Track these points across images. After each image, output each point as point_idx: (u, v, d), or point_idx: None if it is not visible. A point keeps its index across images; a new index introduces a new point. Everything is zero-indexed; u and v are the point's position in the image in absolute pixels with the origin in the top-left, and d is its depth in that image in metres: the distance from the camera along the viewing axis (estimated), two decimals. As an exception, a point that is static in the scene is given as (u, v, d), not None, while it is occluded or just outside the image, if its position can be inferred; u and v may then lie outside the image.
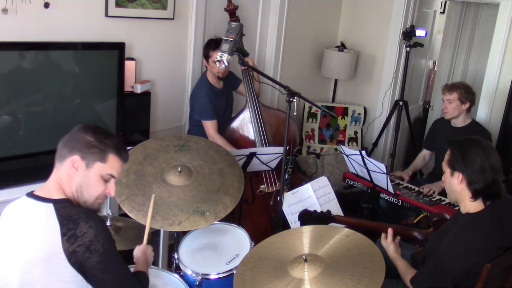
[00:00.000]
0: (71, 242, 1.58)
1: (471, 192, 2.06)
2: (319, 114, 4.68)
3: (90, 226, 1.60)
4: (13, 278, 1.63)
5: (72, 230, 1.59)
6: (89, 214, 1.65)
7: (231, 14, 3.45)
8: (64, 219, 1.60)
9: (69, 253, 1.58)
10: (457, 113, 3.44)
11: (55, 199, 1.66)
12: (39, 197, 1.67)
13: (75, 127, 1.74)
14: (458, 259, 1.99)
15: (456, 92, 3.38)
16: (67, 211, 1.63)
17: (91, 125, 1.76)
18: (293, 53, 4.38)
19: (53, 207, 1.63)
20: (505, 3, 3.84)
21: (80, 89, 2.92)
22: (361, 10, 4.67)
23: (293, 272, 1.85)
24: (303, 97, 2.53)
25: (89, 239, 1.59)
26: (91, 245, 1.59)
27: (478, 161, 2.04)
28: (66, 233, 1.58)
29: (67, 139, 1.71)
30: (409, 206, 3.22)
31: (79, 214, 1.63)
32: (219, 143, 3.21)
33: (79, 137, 1.71)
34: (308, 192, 2.73)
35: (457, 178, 2.08)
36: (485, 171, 2.03)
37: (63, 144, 1.71)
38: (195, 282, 2.18)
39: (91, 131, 1.72)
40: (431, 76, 5.63)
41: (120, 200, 2.26)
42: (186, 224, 2.22)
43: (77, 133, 1.72)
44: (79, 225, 1.60)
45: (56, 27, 2.87)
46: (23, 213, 1.67)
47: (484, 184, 2.03)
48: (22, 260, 1.62)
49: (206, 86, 3.35)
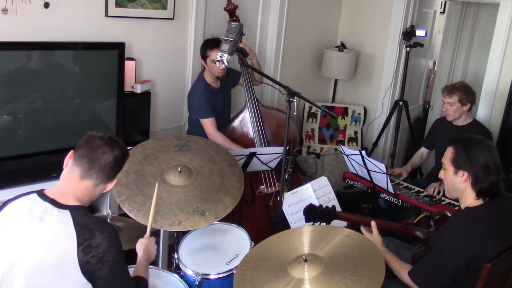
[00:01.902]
0: (86, 252, 1.58)
1: (475, 191, 2.07)
2: (319, 114, 4.68)
3: (105, 237, 1.61)
4: (16, 280, 1.61)
5: (88, 240, 1.59)
6: (104, 224, 1.67)
7: (231, 13, 3.45)
8: (80, 228, 1.60)
9: (82, 263, 1.58)
10: (458, 115, 3.44)
11: (72, 206, 1.66)
12: (55, 202, 1.66)
13: (95, 149, 1.73)
14: (459, 252, 2.00)
15: (456, 94, 3.37)
16: (84, 219, 1.63)
17: (114, 137, 1.79)
18: (293, 53, 4.37)
19: (70, 214, 1.63)
20: (505, 3, 3.84)
21: (80, 89, 2.92)
22: (361, 10, 4.67)
23: (293, 272, 1.85)
24: (303, 97, 2.53)
25: (103, 250, 1.60)
26: (104, 256, 1.60)
27: (483, 160, 2.05)
28: (82, 243, 1.58)
29: (114, 162, 1.73)
30: (409, 206, 3.22)
31: (95, 224, 1.63)
32: (220, 141, 3.22)
33: (120, 158, 1.76)
34: (308, 192, 2.73)
35: (461, 177, 2.09)
36: (490, 170, 2.05)
37: (112, 166, 1.73)
38: (195, 282, 2.19)
39: (123, 149, 1.78)
40: (431, 76, 5.63)
41: (120, 200, 2.26)
42: (186, 224, 2.22)
43: (115, 152, 1.74)
44: (95, 235, 1.60)
45: (56, 27, 2.87)
46: (36, 215, 1.64)
47: (489, 183, 2.05)
48: (30, 264, 1.60)
49: (203, 85, 3.34)
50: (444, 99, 3.45)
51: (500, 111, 3.94)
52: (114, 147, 1.73)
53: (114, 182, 1.79)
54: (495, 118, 3.99)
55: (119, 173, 1.80)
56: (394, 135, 4.40)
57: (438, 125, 3.73)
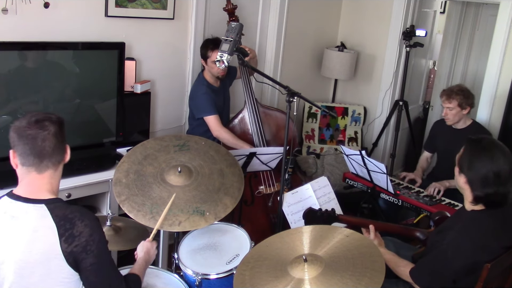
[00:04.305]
0: (68, 243, 1.58)
1: (472, 197, 2.06)
2: (319, 114, 4.68)
3: (86, 225, 1.60)
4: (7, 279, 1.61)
5: (69, 230, 1.59)
6: (83, 212, 1.65)
7: (230, 13, 3.45)
8: (60, 220, 1.59)
9: (67, 253, 1.58)
10: (458, 119, 3.42)
11: (46, 200, 1.64)
12: (27, 199, 1.64)
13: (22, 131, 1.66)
14: (461, 255, 1.99)
15: (455, 99, 3.34)
16: (62, 210, 1.62)
17: (38, 117, 1.70)
18: (293, 53, 4.38)
19: (46, 207, 1.62)
20: (505, 3, 3.84)
21: (80, 89, 2.92)
22: (361, 10, 4.67)
23: (293, 272, 1.85)
24: (303, 97, 2.53)
25: (85, 239, 1.59)
26: (87, 245, 1.59)
27: (482, 171, 2.01)
28: (63, 234, 1.58)
29: (51, 144, 1.66)
30: (409, 206, 3.22)
31: (74, 213, 1.62)
32: (226, 136, 3.23)
33: (57, 130, 1.69)
34: (308, 192, 2.73)
35: (462, 178, 2.09)
36: (487, 183, 2.00)
37: (56, 144, 1.67)
38: (195, 282, 2.18)
39: (53, 121, 1.69)
40: (431, 76, 5.63)
41: (120, 200, 2.26)
42: (186, 224, 2.22)
43: (49, 129, 1.66)
44: (75, 224, 1.59)
45: (56, 27, 2.87)
46: (11, 215, 1.63)
47: (484, 194, 2.02)
48: (16, 262, 1.59)
49: (204, 84, 3.34)
50: (443, 104, 3.43)
51: (500, 111, 3.93)
52: (46, 127, 1.66)
53: (67, 149, 1.74)
54: (495, 118, 3.98)
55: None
56: (394, 135, 4.40)
57: (438, 128, 3.72)
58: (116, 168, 2.38)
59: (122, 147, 3.10)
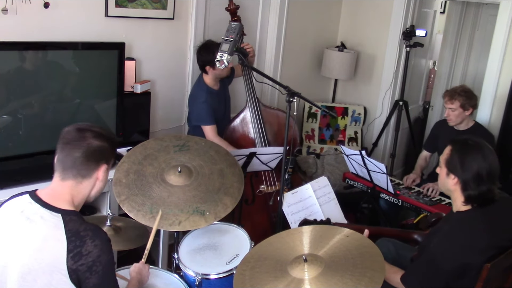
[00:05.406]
0: (75, 260, 1.56)
1: (464, 197, 2.06)
2: (319, 114, 4.68)
3: (96, 245, 1.58)
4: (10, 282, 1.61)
5: (78, 247, 1.57)
6: (97, 231, 1.62)
7: (232, 13, 3.44)
8: (72, 235, 1.58)
9: (71, 270, 1.56)
10: (460, 120, 3.40)
11: (64, 210, 1.63)
12: (46, 204, 1.64)
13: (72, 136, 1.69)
14: (449, 257, 1.99)
15: (458, 100, 3.32)
16: (76, 225, 1.60)
17: (83, 126, 1.73)
18: (293, 53, 4.38)
19: (61, 218, 1.61)
20: (505, 3, 3.84)
21: (80, 89, 2.92)
22: (361, 10, 4.67)
23: (293, 272, 1.85)
24: (303, 97, 2.53)
25: (92, 259, 1.57)
26: (93, 266, 1.57)
27: (475, 169, 2.01)
28: (72, 250, 1.56)
29: (86, 153, 1.66)
30: (409, 206, 3.22)
31: (87, 231, 1.60)
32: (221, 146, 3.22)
33: (97, 146, 1.69)
34: (308, 192, 2.73)
35: (452, 180, 2.08)
36: (482, 180, 2.01)
37: (84, 158, 1.66)
38: (195, 282, 2.18)
39: (99, 136, 1.71)
40: (431, 76, 5.63)
41: (120, 200, 2.26)
42: (186, 224, 2.22)
43: (87, 142, 1.67)
44: (85, 243, 1.58)
45: (56, 27, 2.87)
46: (27, 216, 1.63)
47: (479, 192, 2.02)
48: (21, 266, 1.59)
49: (204, 90, 3.31)
50: (446, 105, 3.40)
51: (501, 111, 3.94)
52: (86, 139, 1.66)
53: (102, 169, 1.71)
54: (495, 118, 3.98)
55: (111, 160, 1.73)
56: (394, 135, 4.40)
57: (439, 128, 3.69)
58: (116, 168, 2.38)
59: (122, 147, 3.10)
